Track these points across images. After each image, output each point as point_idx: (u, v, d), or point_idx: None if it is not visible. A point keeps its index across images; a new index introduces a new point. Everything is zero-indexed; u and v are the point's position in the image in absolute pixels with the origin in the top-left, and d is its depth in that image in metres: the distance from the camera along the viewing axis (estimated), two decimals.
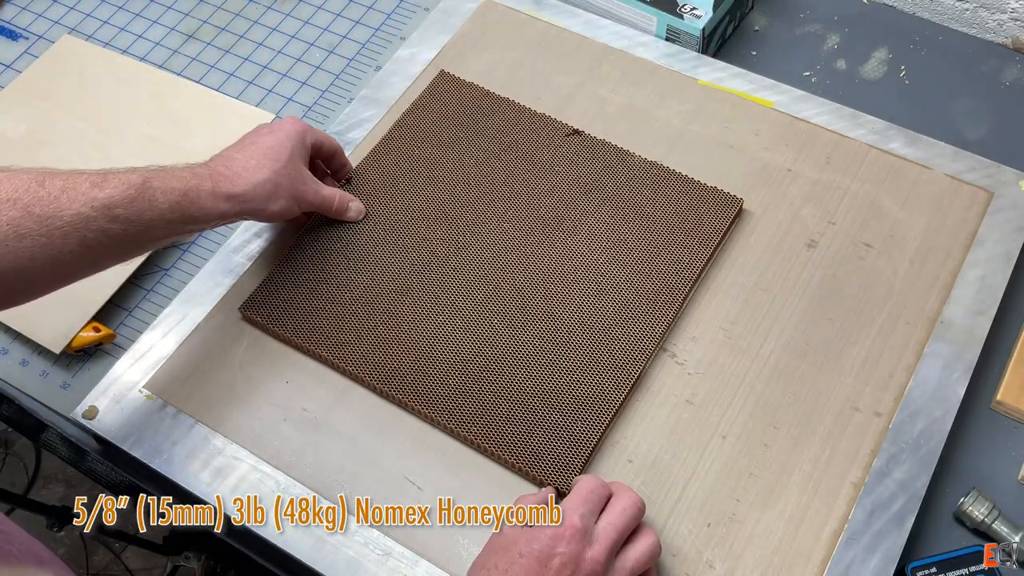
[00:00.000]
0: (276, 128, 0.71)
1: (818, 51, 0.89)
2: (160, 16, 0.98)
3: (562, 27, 0.88)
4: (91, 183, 0.60)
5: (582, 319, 0.70)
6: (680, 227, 0.74)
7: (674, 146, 0.80)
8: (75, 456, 0.80)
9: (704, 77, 0.83)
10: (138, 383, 0.71)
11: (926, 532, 0.64)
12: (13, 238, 0.56)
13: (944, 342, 0.68)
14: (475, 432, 0.66)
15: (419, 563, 0.62)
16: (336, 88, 0.91)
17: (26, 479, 1.63)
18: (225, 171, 0.67)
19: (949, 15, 0.90)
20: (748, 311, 0.71)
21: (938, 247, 0.72)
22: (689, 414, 0.67)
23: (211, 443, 0.68)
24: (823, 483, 0.63)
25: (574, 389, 0.67)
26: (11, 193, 0.57)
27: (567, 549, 0.54)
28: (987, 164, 0.76)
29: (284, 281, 0.74)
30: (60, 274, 0.60)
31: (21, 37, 0.99)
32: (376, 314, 0.71)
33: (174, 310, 0.75)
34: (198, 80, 0.93)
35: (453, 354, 0.69)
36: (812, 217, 0.75)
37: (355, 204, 0.76)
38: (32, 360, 0.78)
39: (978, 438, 0.68)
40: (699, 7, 0.84)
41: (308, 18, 0.97)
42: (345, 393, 0.70)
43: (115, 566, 1.54)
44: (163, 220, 0.62)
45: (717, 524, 0.63)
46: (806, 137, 0.79)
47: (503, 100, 0.82)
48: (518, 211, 0.76)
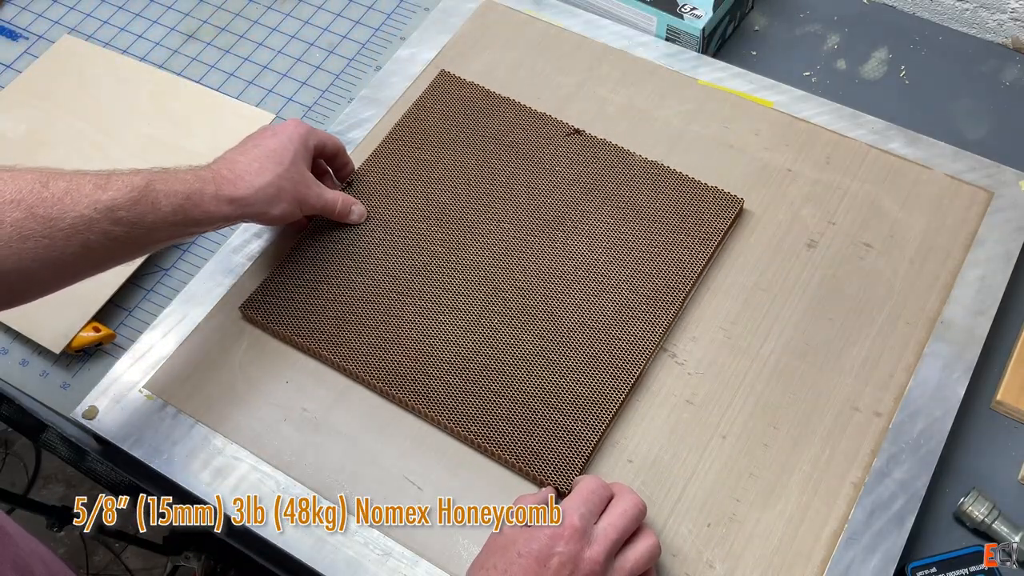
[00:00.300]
0: (279, 131, 0.71)
1: (818, 51, 0.89)
2: (160, 16, 0.98)
3: (562, 27, 0.88)
4: (95, 185, 0.60)
5: (582, 319, 0.70)
6: (680, 227, 0.74)
7: (674, 146, 0.80)
8: (75, 456, 0.80)
9: (704, 77, 0.83)
10: (138, 383, 0.71)
11: (926, 532, 0.64)
12: (17, 239, 0.56)
13: (944, 342, 0.68)
14: (475, 432, 0.66)
15: (419, 563, 0.62)
16: (336, 88, 0.91)
17: (26, 479, 1.63)
18: (228, 174, 0.67)
19: (949, 15, 0.90)
20: (748, 311, 0.71)
21: (938, 247, 0.72)
22: (689, 414, 0.67)
23: (211, 443, 0.68)
24: (823, 483, 0.63)
25: (574, 389, 0.67)
26: (15, 194, 0.57)
27: (566, 549, 0.54)
28: (987, 164, 0.76)
29: (285, 281, 0.74)
30: (62, 275, 0.60)
31: (21, 37, 0.99)
32: (377, 314, 0.71)
33: (174, 310, 0.75)
34: (198, 80, 0.93)
35: (454, 354, 0.69)
36: (812, 217, 0.75)
37: (357, 207, 0.76)
38: (32, 360, 0.78)
39: (978, 438, 0.68)
40: (699, 7, 0.85)
41: (308, 18, 0.97)
42: (345, 393, 0.70)
43: (115, 566, 1.54)
44: (165, 223, 0.62)
45: (717, 524, 0.63)
46: (806, 137, 0.79)
47: (504, 100, 0.82)
48: (519, 211, 0.76)
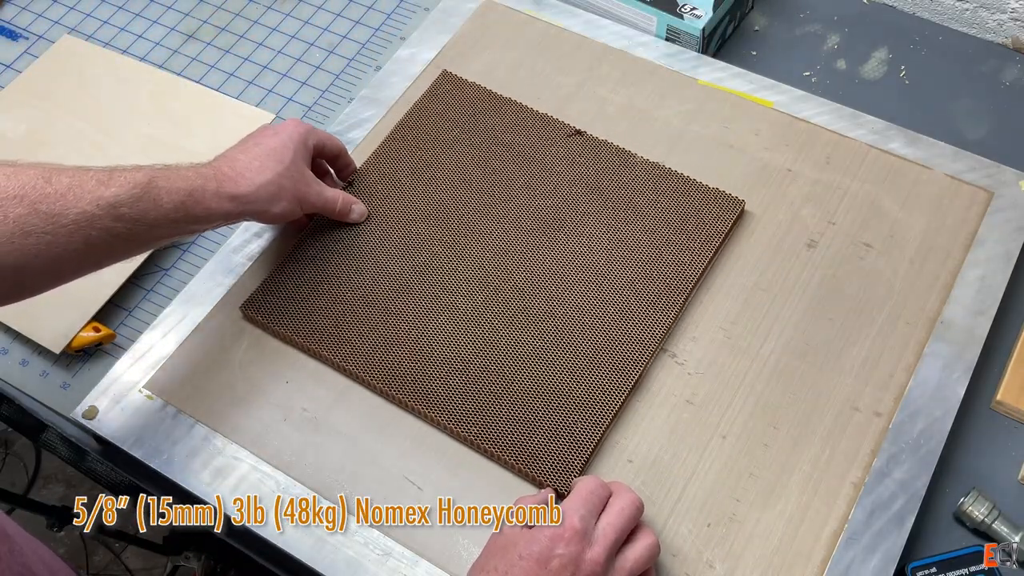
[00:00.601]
0: (279, 130, 0.71)
1: (818, 51, 0.89)
2: (160, 16, 0.98)
3: (562, 27, 0.88)
4: (97, 181, 0.60)
5: (582, 320, 0.70)
6: (682, 228, 0.74)
7: (674, 146, 0.80)
8: (75, 456, 0.80)
9: (704, 77, 0.83)
10: (138, 383, 0.71)
11: (926, 532, 0.64)
12: (19, 235, 0.56)
13: (944, 342, 0.68)
14: (475, 432, 0.66)
15: (419, 563, 0.62)
16: (336, 88, 0.91)
17: (26, 479, 1.63)
18: (229, 172, 0.67)
19: (949, 15, 0.90)
20: (748, 311, 0.71)
21: (938, 247, 0.72)
22: (689, 414, 0.67)
23: (211, 443, 0.68)
24: (823, 483, 0.63)
25: (574, 390, 0.67)
26: (18, 190, 0.57)
27: (567, 550, 0.54)
28: (987, 164, 0.76)
29: (286, 281, 0.74)
30: (63, 271, 0.60)
31: (21, 37, 0.99)
32: (377, 314, 0.71)
33: (174, 310, 0.75)
34: (198, 80, 0.93)
35: (454, 354, 0.69)
36: (812, 217, 0.75)
37: (358, 207, 0.76)
38: (32, 360, 0.78)
39: (978, 438, 0.68)
40: (699, 7, 0.84)
41: (308, 18, 0.97)
42: (345, 393, 0.70)
43: (115, 566, 1.54)
44: (167, 220, 0.63)
45: (717, 524, 0.63)
46: (806, 137, 0.79)
47: (506, 100, 0.82)
48: (519, 212, 0.76)
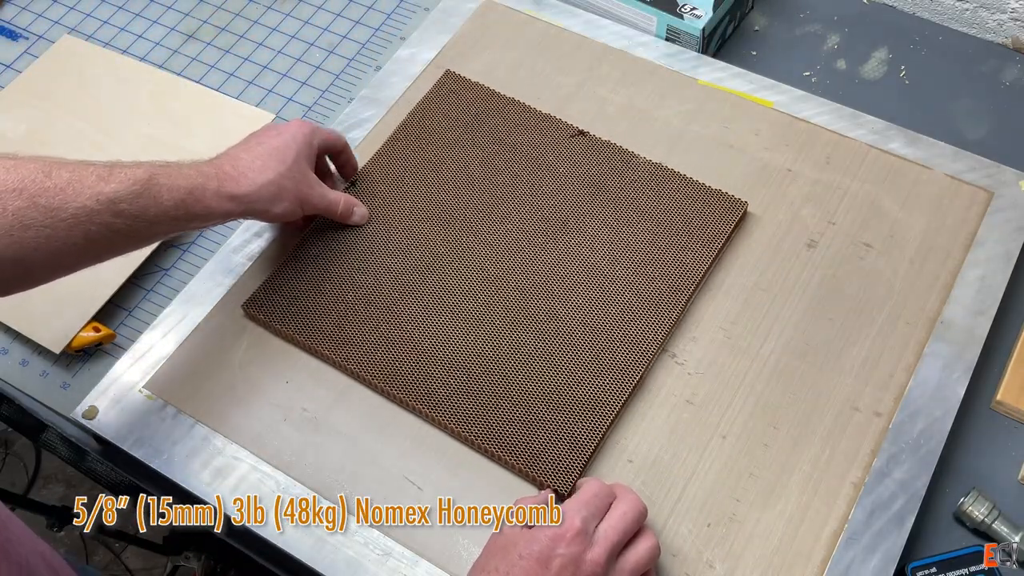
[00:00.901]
0: (283, 129, 0.71)
1: (818, 51, 0.89)
2: (160, 16, 0.98)
3: (562, 27, 0.88)
4: (97, 176, 0.60)
5: (584, 320, 0.70)
6: (684, 230, 0.74)
7: (674, 146, 0.80)
8: (75, 456, 0.80)
9: (704, 77, 0.83)
10: (138, 383, 0.71)
11: (926, 532, 0.64)
12: (18, 228, 0.56)
13: (944, 342, 0.68)
14: (476, 432, 0.66)
15: (419, 563, 0.62)
16: (336, 88, 0.91)
17: (26, 479, 1.63)
18: (231, 171, 0.67)
19: (949, 15, 0.90)
20: (748, 311, 0.71)
21: (938, 247, 0.72)
22: (689, 414, 0.67)
23: (211, 443, 0.68)
24: (823, 483, 0.63)
25: (575, 391, 0.67)
26: (18, 183, 0.57)
27: (567, 551, 0.54)
28: (987, 164, 0.76)
29: (288, 280, 0.74)
30: (61, 265, 0.60)
31: (21, 37, 0.99)
32: (379, 313, 0.71)
33: (174, 310, 0.75)
34: (198, 80, 0.93)
35: (455, 354, 0.69)
36: (812, 217, 0.75)
37: (359, 209, 0.76)
38: (32, 360, 0.78)
39: (978, 438, 0.68)
40: (699, 7, 0.84)
41: (308, 18, 0.97)
42: (345, 393, 0.70)
43: (115, 566, 1.54)
44: (167, 217, 0.62)
45: (717, 524, 0.63)
46: (806, 137, 0.79)
47: (508, 100, 0.82)
48: (522, 212, 0.76)
